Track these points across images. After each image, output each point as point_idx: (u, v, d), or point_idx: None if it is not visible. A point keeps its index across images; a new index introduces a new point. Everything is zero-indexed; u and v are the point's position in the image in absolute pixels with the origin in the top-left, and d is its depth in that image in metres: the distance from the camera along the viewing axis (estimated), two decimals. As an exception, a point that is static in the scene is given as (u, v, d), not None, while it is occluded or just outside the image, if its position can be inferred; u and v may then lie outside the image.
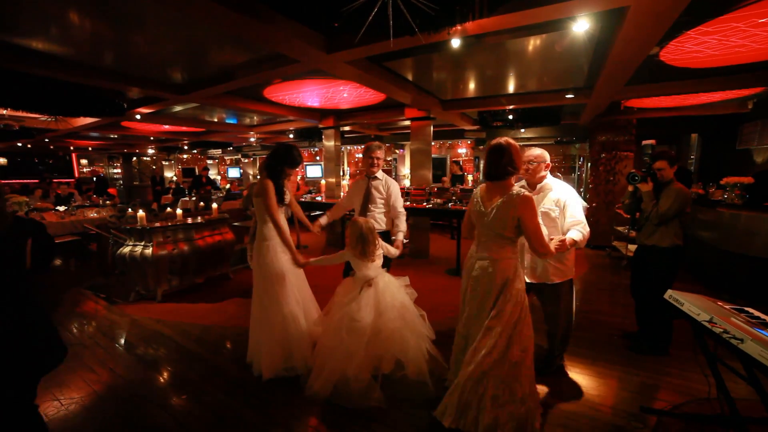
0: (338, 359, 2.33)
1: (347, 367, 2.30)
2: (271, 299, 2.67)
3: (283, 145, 2.82)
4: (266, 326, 2.67)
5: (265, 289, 2.69)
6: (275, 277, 2.67)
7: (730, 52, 3.57)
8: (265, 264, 2.68)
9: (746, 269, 3.97)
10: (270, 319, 2.66)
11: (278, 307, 2.66)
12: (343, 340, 2.33)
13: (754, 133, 6.13)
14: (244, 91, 5.73)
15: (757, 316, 1.68)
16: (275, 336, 2.64)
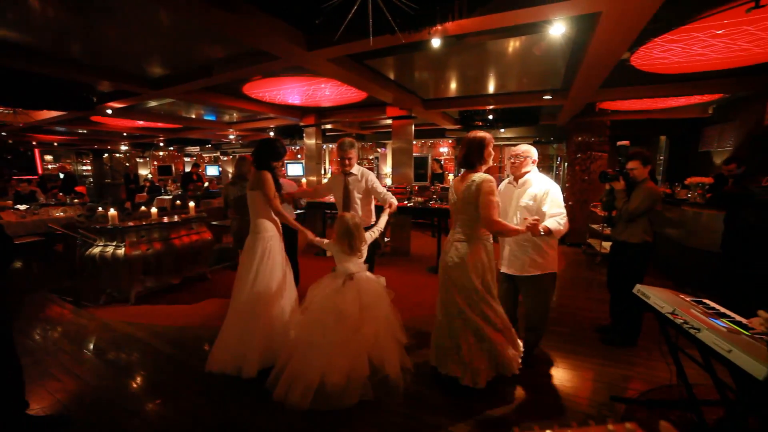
0: (319, 358, 2.28)
1: (328, 365, 2.26)
2: (261, 294, 2.64)
3: (265, 140, 2.88)
4: (255, 321, 2.62)
5: (258, 285, 2.65)
6: (268, 272, 2.66)
7: (692, 60, 3.78)
8: (260, 258, 2.68)
9: (707, 264, 4.20)
10: (259, 315, 2.62)
11: (271, 302, 2.65)
12: (327, 332, 2.29)
13: (714, 137, 6.51)
14: (223, 87, 5.60)
15: (713, 307, 1.79)
16: (265, 330, 2.61)
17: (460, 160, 2.32)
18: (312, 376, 2.25)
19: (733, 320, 1.63)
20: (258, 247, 2.70)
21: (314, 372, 2.26)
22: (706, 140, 6.80)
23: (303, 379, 2.26)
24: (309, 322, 2.43)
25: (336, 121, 8.21)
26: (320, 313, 2.39)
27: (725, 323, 1.58)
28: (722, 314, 1.71)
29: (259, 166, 2.77)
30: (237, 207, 4.12)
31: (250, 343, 2.59)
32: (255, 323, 2.63)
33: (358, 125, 9.76)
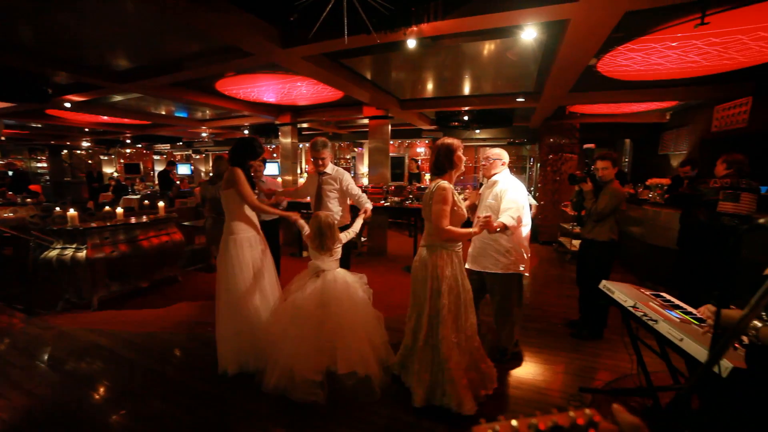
0: (286, 350, 2.33)
1: (293, 358, 2.30)
2: (234, 295, 2.64)
3: (242, 138, 2.85)
4: (231, 322, 2.64)
5: (228, 286, 2.66)
6: (239, 272, 2.65)
7: (651, 68, 4.02)
8: (230, 258, 2.65)
9: (666, 259, 4.46)
10: (235, 315, 2.64)
11: (243, 303, 2.64)
12: (287, 329, 2.34)
13: (671, 140, 6.94)
14: (194, 83, 5.43)
15: (669, 299, 1.91)
16: (240, 331, 2.62)
17: (430, 166, 2.32)
18: (283, 365, 2.32)
19: (685, 311, 1.75)
20: (231, 249, 2.67)
21: (284, 361, 2.32)
22: (665, 144, 7.23)
23: (277, 366, 2.33)
24: (278, 314, 2.51)
25: (312, 120, 8.12)
26: (282, 310, 2.47)
27: (678, 314, 1.69)
28: (676, 306, 1.83)
29: (234, 164, 2.73)
30: (213, 206, 4.00)
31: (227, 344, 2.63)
32: (227, 325, 2.65)
33: (334, 124, 9.70)
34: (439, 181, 2.19)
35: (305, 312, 2.38)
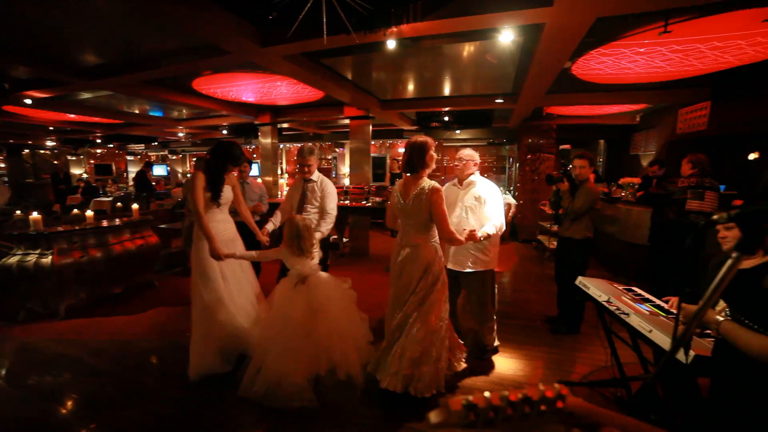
0: (274, 359, 2.29)
1: (282, 367, 2.26)
2: (204, 299, 2.59)
3: (223, 143, 2.77)
4: (201, 326, 2.59)
5: (197, 288, 2.61)
6: (206, 273, 2.60)
7: (621, 72, 4.20)
8: (198, 260, 2.61)
9: (638, 255, 4.65)
10: (205, 319, 2.59)
11: (213, 307, 2.59)
12: (275, 338, 2.30)
13: (641, 141, 7.26)
14: (170, 82, 5.26)
15: (640, 293, 2.00)
16: (204, 333, 2.58)
17: (404, 164, 2.31)
18: (270, 376, 2.26)
19: (654, 304, 1.83)
20: (198, 253, 2.61)
21: (271, 371, 2.27)
22: (635, 144, 7.54)
23: (263, 376, 2.27)
24: (267, 324, 2.44)
25: (292, 120, 8.02)
26: (271, 320, 2.41)
27: (648, 307, 1.77)
28: (646, 299, 1.91)
29: (207, 169, 2.66)
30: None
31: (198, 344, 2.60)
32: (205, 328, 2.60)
33: (315, 124, 9.62)
34: (430, 183, 2.22)
35: (295, 321, 2.33)
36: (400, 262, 2.31)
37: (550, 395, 0.44)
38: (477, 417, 0.41)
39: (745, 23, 2.83)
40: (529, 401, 0.43)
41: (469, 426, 0.41)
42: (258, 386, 2.27)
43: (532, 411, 0.43)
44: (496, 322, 2.98)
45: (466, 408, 0.41)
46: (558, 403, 0.44)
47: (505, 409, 0.42)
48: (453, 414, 0.41)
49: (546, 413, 0.44)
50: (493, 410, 0.42)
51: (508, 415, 0.42)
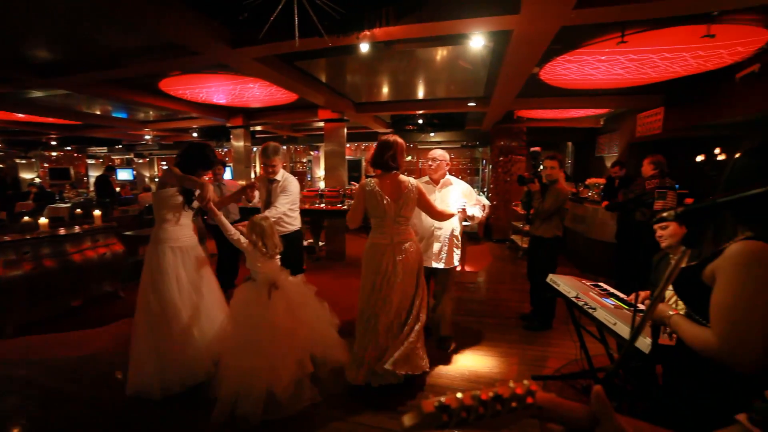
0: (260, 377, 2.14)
1: (274, 381, 2.14)
2: (160, 309, 2.40)
3: (194, 144, 2.63)
4: (153, 340, 2.38)
5: (153, 299, 2.41)
6: (170, 284, 2.42)
7: (585, 78, 4.43)
8: (160, 267, 2.42)
9: (604, 252, 4.89)
10: (160, 333, 2.39)
11: (175, 320, 2.41)
12: (263, 351, 2.16)
13: (605, 144, 7.66)
14: (134, 82, 5.03)
15: (605, 288, 2.11)
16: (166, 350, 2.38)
17: (377, 162, 2.37)
18: (258, 393, 2.13)
19: (619, 298, 1.94)
20: (155, 258, 2.44)
21: (259, 389, 2.13)
22: (600, 147, 7.93)
23: (249, 398, 2.12)
24: (241, 345, 2.24)
25: (266, 123, 7.88)
26: (252, 333, 2.22)
27: (613, 301, 1.87)
28: (612, 294, 2.01)
29: (182, 170, 2.53)
30: None
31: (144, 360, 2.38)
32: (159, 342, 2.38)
33: (289, 127, 9.50)
34: (412, 179, 2.41)
35: (284, 330, 2.23)
36: (402, 260, 2.34)
37: (520, 392, 0.46)
38: (450, 418, 0.42)
39: (687, 38, 3.11)
40: (500, 399, 0.45)
41: (442, 427, 0.42)
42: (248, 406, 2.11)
43: (503, 408, 0.45)
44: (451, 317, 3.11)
45: (438, 409, 0.42)
46: (528, 399, 0.46)
47: (477, 408, 0.44)
48: (426, 416, 0.42)
49: (517, 409, 0.46)
50: (465, 410, 0.43)
51: (480, 414, 0.44)
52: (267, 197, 3.19)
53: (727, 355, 0.91)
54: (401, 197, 2.32)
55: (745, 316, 0.89)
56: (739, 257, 0.92)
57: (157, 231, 2.49)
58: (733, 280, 0.92)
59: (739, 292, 0.91)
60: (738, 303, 0.91)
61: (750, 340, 0.88)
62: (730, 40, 3.17)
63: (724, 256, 0.95)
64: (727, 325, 0.91)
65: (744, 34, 3.10)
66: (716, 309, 0.95)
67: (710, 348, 0.94)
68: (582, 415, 0.52)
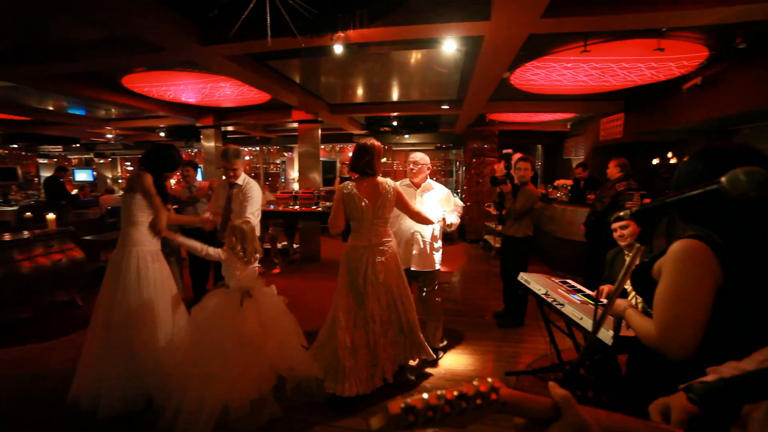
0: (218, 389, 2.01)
1: (229, 393, 2.01)
2: (128, 318, 2.25)
3: (158, 145, 2.51)
4: (119, 353, 2.22)
5: (120, 307, 2.26)
6: (140, 291, 2.29)
7: (552, 84, 4.63)
8: (128, 273, 2.28)
9: (572, 250, 5.11)
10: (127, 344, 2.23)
11: (138, 330, 2.26)
12: (227, 361, 2.06)
13: (572, 147, 8.03)
14: (93, 76, 4.74)
15: (573, 285, 2.20)
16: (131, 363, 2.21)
17: (358, 166, 2.39)
18: (211, 409, 1.98)
19: (585, 294, 2.03)
20: (123, 262, 2.31)
21: (214, 404, 1.99)
22: (567, 149, 8.30)
23: (203, 413, 1.97)
24: (204, 352, 2.11)
25: (238, 123, 7.68)
26: (218, 341, 2.10)
27: (580, 297, 1.96)
28: (578, 290, 2.11)
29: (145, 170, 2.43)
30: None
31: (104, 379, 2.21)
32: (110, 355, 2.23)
33: (262, 128, 9.29)
34: (390, 180, 2.43)
35: (252, 339, 2.13)
36: (383, 262, 2.37)
37: (484, 389, 0.47)
38: (416, 418, 0.43)
39: (642, 50, 3.37)
40: (465, 397, 0.46)
41: (410, 427, 0.43)
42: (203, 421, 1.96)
43: (468, 406, 0.46)
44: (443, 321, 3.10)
45: (404, 410, 0.42)
46: (492, 395, 0.47)
47: (443, 407, 0.44)
48: (392, 417, 0.42)
49: (482, 406, 0.47)
50: (431, 409, 0.44)
51: (446, 413, 0.44)
52: (227, 202, 3.02)
53: (663, 344, 0.98)
54: (379, 198, 2.33)
55: (679, 309, 0.96)
56: (675, 254, 0.99)
57: (125, 234, 2.38)
58: (669, 276, 0.99)
59: (674, 286, 0.98)
60: (673, 297, 0.98)
61: (682, 331, 0.95)
62: (677, 54, 3.47)
63: (667, 253, 1.03)
64: (664, 317, 0.98)
65: (688, 50, 3.42)
66: (656, 302, 1.02)
67: (650, 337, 1.02)
68: (545, 407, 0.54)
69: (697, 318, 0.95)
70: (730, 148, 1.01)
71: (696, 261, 0.97)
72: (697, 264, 0.96)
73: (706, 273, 0.96)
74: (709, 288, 0.95)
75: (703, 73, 3.99)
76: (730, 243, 0.97)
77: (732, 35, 3.00)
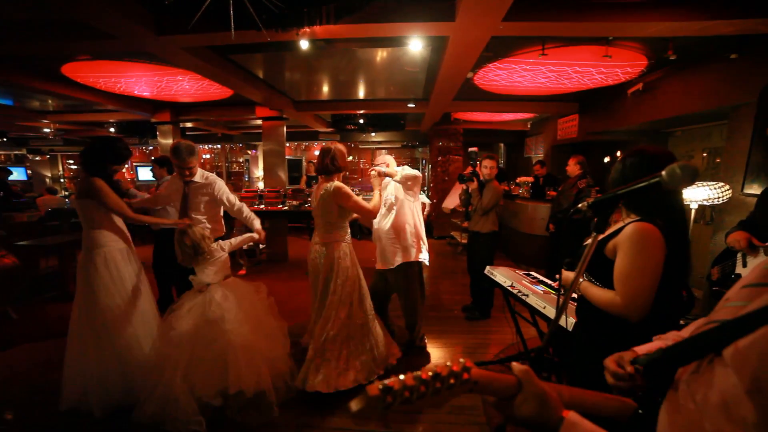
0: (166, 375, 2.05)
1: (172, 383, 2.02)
2: (105, 321, 2.23)
3: (102, 138, 2.40)
4: (100, 355, 2.21)
5: (100, 309, 2.22)
6: (113, 292, 2.25)
7: (513, 85, 4.83)
8: (99, 276, 2.23)
9: (533, 244, 5.38)
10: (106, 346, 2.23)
11: (119, 330, 2.25)
12: (161, 352, 2.10)
13: (532, 145, 8.42)
14: (24, 62, 4.26)
15: (536, 276, 2.33)
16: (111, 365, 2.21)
17: (319, 168, 2.44)
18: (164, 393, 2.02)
19: (547, 285, 2.15)
20: (99, 265, 2.26)
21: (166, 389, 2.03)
22: (528, 148, 8.69)
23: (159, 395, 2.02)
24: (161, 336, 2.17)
25: (197, 119, 7.31)
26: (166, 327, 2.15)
27: (543, 288, 2.07)
28: (541, 281, 2.23)
29: (91, 170, 2.30)
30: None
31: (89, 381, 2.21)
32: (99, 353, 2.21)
33: (224, 125, 8.90)
34: (333, 182, 2.36)
35: (178, 332, 2.11)
36: (312, 259, 2.45)
37: (456, 369, 0.50)
38: (394, 398, 0.46)
39: (592, 56, 3.62)
40: (439, 377, 0.49)
41: (388, 407, 0.46)
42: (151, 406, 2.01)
43: (442, 385, 0.49)
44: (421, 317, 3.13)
45: (383, 392, 0.45)
46: (464, 375, 0.51)
47: (418, 387, 0.47)
48: (371, 399, 0.45)
49: (455, 386, 0.50)
50: (408, 390, 0.46)
51: (422, 393, 0.47)
52: (183, 202, 2.85)
53: (626, 310, 1.17)
54: (318, 201, 2.40)
55: (639, 281, 1.16)
56: (633, 235, 1.18)
57: (89, 237, 2.29)
58: (630, 253, 1.18)
59: (636, 262, 1.17)
60: (634, 271, 1.17)
61: (642, 297, 1.15)
62: (622, 61, 3.78)
63: (622, 234, 1.21)
64: (628, 287, 1.17)
65: (631, 58, 3.72)
66: (618, 276, 1.20)
67: (616, 306, 1.20)
68: (510, 384, 0.60)
69: (653, 286, 1.16)
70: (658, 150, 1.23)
71: (650, 239, 1.16)
72: (653, 242, 1.16)
73: (659, 249, 1.16)
74: (660, 261, 1.16)
75: (644, 79, 4.36)
76: (666, 225, 1.18)
77: (665, 47, 3.32)
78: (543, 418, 0.59)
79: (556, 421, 0.59)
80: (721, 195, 2.98)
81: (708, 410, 0.53)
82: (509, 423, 0.61)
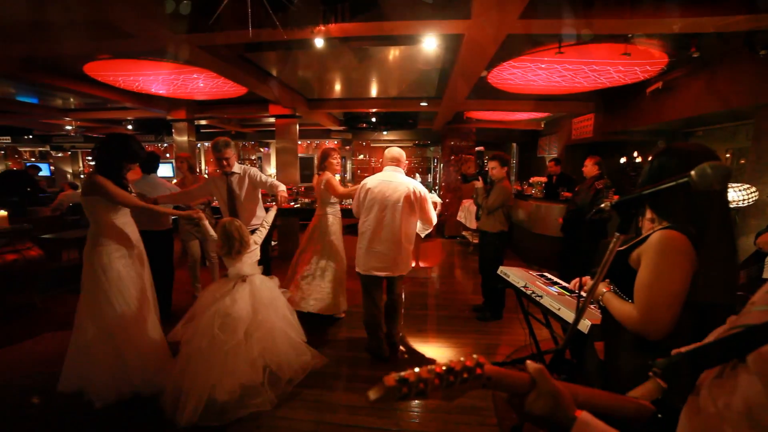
0: (207, 370, 2.09)
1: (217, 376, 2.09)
2: (107, 312, 2.29)
3: (116, 135, 2.44)
4: (102, 345, 2.27)
5: (99, 302, 2.29)
6: (120, 290, 2.32)
7: (527, 84, 4.75)
8: (100, 270, 2.29)
9: (547, 245, 5.30)
10: (108, 337, 2.28)
11: (119, 320, 2.30)
12: (215, 340, 2.12)
13: (545, 145, 8.30)
14: (48, 62, 4.40)
15: (550, 278, 2.29)
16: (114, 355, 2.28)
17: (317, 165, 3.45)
18: (201, 391, 2.06)
19: (561, 286, 2.12)
20: (98, 261, 2.31)
21: (203, 386, 2.08)
22: (541, 147, 8.57)
23: (193, 394, 2.06)
24: (195, 332, 2.21)
25: (212, 117, 7.43)
26: (207, 321, 2.19)
27: (557, 289, 2.04)
28: (555, 282, 2.20)
29: (101, 169, 2.35)
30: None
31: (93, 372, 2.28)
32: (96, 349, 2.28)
33: (237, 122, 9.02)
34: (325, 175, 3.37)
35: (237, 318, 2.19)
36: (312, 223, 3.51)
37: (470, 365, 0.52)
38: (409, 390, 0.48)
39: (610, 54, 3.53)
40: (452, 371, 0.50)
41: (403, 398, 0.48)
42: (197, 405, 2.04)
43: (456, 379, 0.50)
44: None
45: (399, 383, 0.47)
46: (477, 370, 0.52)
47: (433, 380, 0.49)
48: (388, 389, 0.47)
49: (468, 380, 0.51)
50: (422, 382, 0.48)
51: (435, 385, 0.49)
52: (228, 194, 3.08)
53: (643, 326, 1.06)
54: (317, 186, 3.44)
55: (660, 294, 1.04)
56: (658, 244, 1.07)
57: (93, 234, 2.35)
58: (652, 263, 1.07)
59: (656, 273, 1.06)
60: (655, 283, 1.06)
61: (660, 312, 1.04)
62: (641, 59, 3.67)
63: (647, 243, 1.10)
64: (646, 301, 1.06)
65: (650, 56, 3.61)
66: (638, 287, 1.09)
67: (632, 319, 1.09)
68: (523, 381, 0.60)
69: (676, 302, 1.04)
70: (692, 147, 1.10)
71: (677, 250, 1.05)
72: (678, 252, 1.05)
73: (686, 260, 1.04)
74: (687, 274, 1.04)
75: (664, 78, 4.24)
76: (700, 233, 1.05)
77: (687, 45, 3.22)
78: (555, 416, 0.59)
79: (568, 420, 0.59)
80: (747, 197, 2.89)
81: (731, 416, 0.52)
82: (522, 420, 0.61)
